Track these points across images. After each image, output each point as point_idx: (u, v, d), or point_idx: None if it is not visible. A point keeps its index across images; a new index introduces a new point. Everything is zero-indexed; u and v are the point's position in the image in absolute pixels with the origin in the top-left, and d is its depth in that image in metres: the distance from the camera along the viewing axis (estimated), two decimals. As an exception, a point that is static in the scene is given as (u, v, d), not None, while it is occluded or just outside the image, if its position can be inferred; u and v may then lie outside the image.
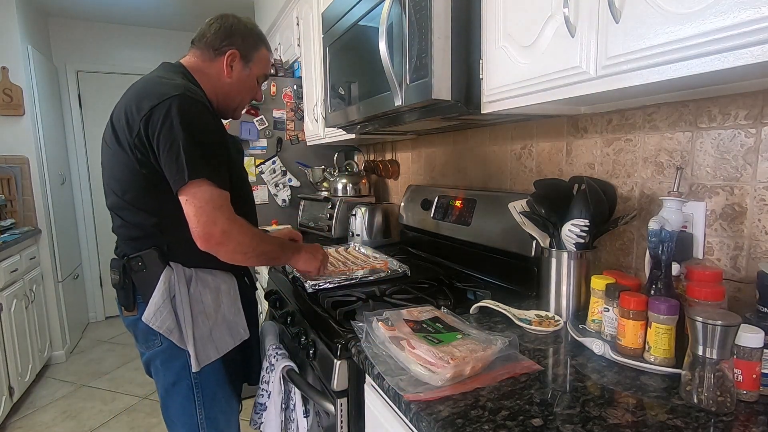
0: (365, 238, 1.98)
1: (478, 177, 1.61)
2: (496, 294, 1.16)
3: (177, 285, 1.02)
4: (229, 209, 0.98)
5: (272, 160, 2.43)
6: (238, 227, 0.98)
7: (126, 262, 1.03)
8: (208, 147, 0.97)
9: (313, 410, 1.11)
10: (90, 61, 3.73)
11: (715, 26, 0.57)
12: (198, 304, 1.04)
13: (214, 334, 1.06)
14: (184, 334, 1.02)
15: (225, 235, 0.96)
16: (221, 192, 0.97)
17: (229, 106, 1.19)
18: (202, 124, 0.97)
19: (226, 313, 1.09)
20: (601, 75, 0.73)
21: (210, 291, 1.06)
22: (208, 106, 1.02)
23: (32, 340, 2.68)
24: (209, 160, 0.96)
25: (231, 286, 1.11)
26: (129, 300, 1.06)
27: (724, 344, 0.64)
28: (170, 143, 0.93)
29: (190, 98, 0.96)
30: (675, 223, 0.81)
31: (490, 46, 0.98)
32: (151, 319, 1.00)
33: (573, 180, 1.09)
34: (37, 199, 2.96)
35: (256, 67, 1.18)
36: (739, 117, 0.85)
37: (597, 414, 0.64)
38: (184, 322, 1.02)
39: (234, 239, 0.97)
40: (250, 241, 1.01)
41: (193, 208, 0.94)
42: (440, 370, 0.73)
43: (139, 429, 2.29)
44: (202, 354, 1.04)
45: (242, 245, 0.99)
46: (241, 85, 1.16)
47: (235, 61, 1.14)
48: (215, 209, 0.95)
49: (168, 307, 1.01)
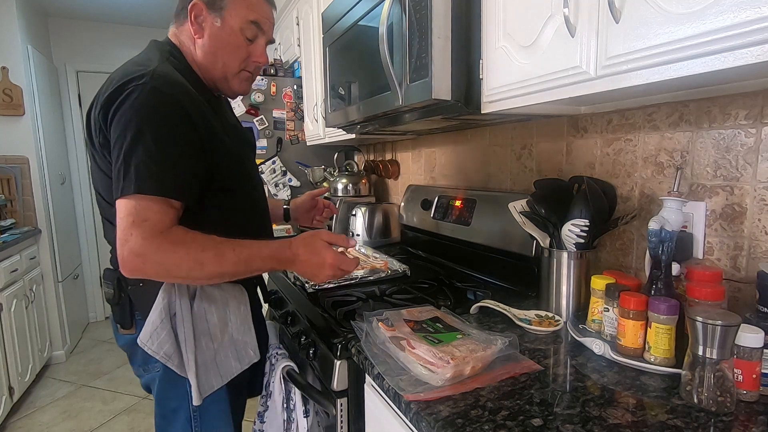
0: (365, 238, 1.98)
1: (478, 177, 1.61)
2: (496, 294, 1.16)
3: (178, 301, 0.86)
4: (155, 225, 0.76)
5: (272, 160, 2.43)
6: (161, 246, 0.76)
7: (120, 275, 0.84)
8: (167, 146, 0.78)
9: (313, 410, 1.11)
10: (90, 61, 3.73)
11: (715, 26, 0.57)
12: (202, 324, 0.89)
13: (219, 359, 0.91)
14: (185, 359, 0.87)
15: (139, 259, 0.75)
16: (154, 204, 0.76)
17: (213, 75, 0.94)
18: (166, 119, 0.78)
19: (234, 333, 0.93)
20: (601, 75, 0.73)
21: (216, 308, 0.90)
22: (183, 95, 0.82)
23: (32, 340, 2.68)
24: (160, 163, 0.77)
25: (241, 301, 0.95)
26: (126, 317, 0.91)
27: (724, 344, 0.64)
28: (119, 136, 0.77)
29: (157, 90, 0.78)
30: (675, 223, 0.81)
31: (490, 46, 0.98)
32: (147, 342, 0.85)
33: (573, 180, 1.09)
34: (37, 199, 2.96)
35: (233, 15, 0.90)
36: (739, 117, 0.85)
37: (597, 414, 0.64)
38: (185, 345, 0.86)
39: (152, 261, 0.76)
40: (183, 259, 0.77)
41: (117, 223, 0.77)
42: (440, 370, 0.73)
43: (139, 429, 2.29)
44: (205, 383, 0.89)
45: (169, 267, 0.77)
46: (215, 42, 0.91)
47: (201, 15, 0.89)
48: (133, 224, 0.75)
49: (167, 327, 0.85)
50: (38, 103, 3.01)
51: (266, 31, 0.96)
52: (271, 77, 2.40)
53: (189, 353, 0.86)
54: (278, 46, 2.81)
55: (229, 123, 1.01)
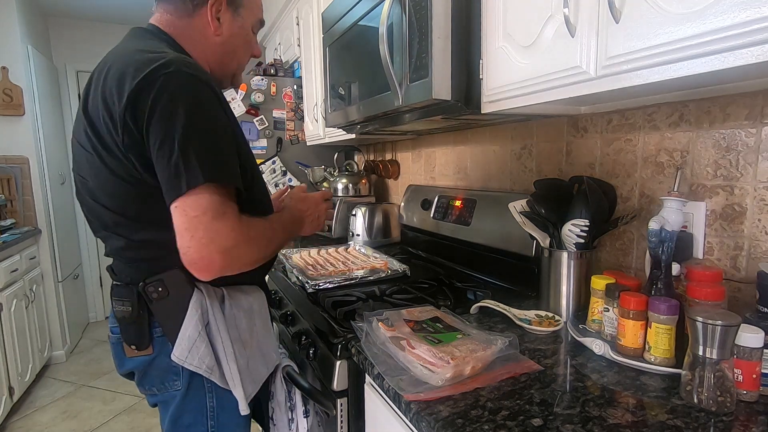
0: (365, 238, 1.98)
1: (478, 177, 1.61)
2: (496, 294, 1.16)
3: (211, 310, 0.82)
4: (235, 213, 0.74)
5: (272, 160, 2.43)
6: (248, 231, 0.76)
7: (142, 289, 0.80)
8: (219, 134, 0.75)
9: (313, 410, 1.11)
10: (90, 61, 3.73)
11: (715, 26, 0.57)
12: (233, 331, 0.85)
13: (251, 365, 0.88)
14: (225, 370, 0.83)
15: (228, 255, 0.72)
16: (227, 193, 0.74)
17: (226, 72, 0.95)
18: (206, 108, 0.74)
19: (260, 337, 0.91)
20: (601, 75, 0.73)
21: (245, 313, 0.87)
22: (211, 82, 0.78)
23: (32, 340, 2.68)
24: (219, 151, 0.74)
25: (262, 304, 0.93)
26: (143, 336, 0.83)
27: (724, 344, 0.64)
28: (163, 136, 0.70)
29: (187, 74, 0.73)
30: (675, 223, 0.81)
31: (490, 46, 0.98)
32: (187, 359, 0.80)
33: (573, 180, 1.09)
34: (37, 199, 2.96)
35: (248, 12, 0.93)
36: (739, 117, 0.85)
37: (597, 414, 0.64)
38: (224, 355, 0.82)
39: (246, 248, 0.76)
40: (261, 248, 0.80)
41: (186, 224, 0.71)
42: (440, 369, 0.73)
43: (139, 429, 2.29)
44: (244, 392, 0.85)
45: (254, 258, 0.79)
46: (235, 40, 0.91)
47: (222, 11, 0.88)
48: (215, 219, 0.71)
49: (205, 339, 0.81)
50: (38, 103, 3.01)
51: (263, 24, 1.00)
52: (271, 77, 2.40)
53: (231, 363, 0.83)
54: (278, 46, 2.81)
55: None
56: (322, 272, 1.37)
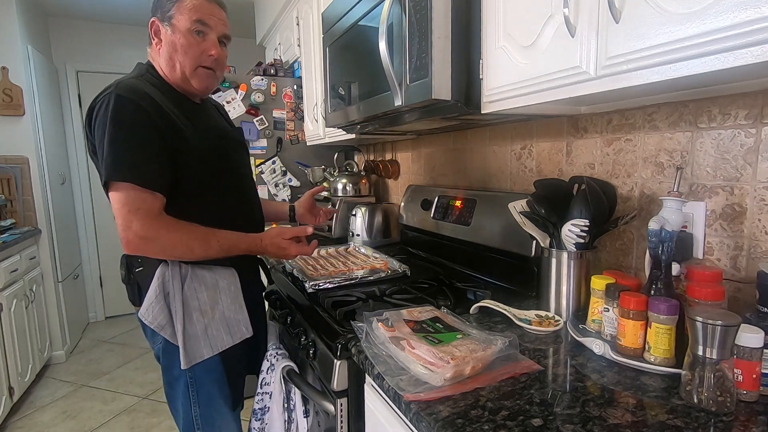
0: (365, 238, 1.98)
1: (478, 177, 1.61)
2: (496, 294, 1.16)
3: (171, 282, 1.02)
4: (148, 212, 0.95)
5: (272, 160, 2.43)
6: (158, 231, 0.96)
7: (127, 260, 1.07)
8: (136, 146, 0.94)
9: (313, 410, 1.11)
10: (90, 61, 3.73)
11: (715, 26, 0.57)
12: (193, 301, 1.04)
13: (210, 332, 1.06)
14: (176, 329, 1.02)
15: (142, 241, 0.95)
16: (141, 194, 0.94)
17: (177, 79, 1.08)
18: (131, 120, 0.94)
19: (225, 310, 1.08)
20: (601, 75, 0.73)
21: (206, 288, 1.06)
22: (145, 101, 0.96)
23: (32, 340, 2.68)
24: (135, 160, 0.94)
25: (231, 282, 1.10)
26: (135, 295, 1.08)
27: (724, 344, 0.64)
28: (100, 141, 0.95)
29: (121, 96, 0.94)
30: (675, 223, 0.81)
31: (490, 46, 0.98)
32: (144, 314, 1.02)
33: (573, 180, 1.09)
34: (37, 199, 2.96)
35: (181, 18, 1.03)
36: (739, 117, 0.85)
37: (597, 414, 0.64)
38: (176, 317, 1.02)
39: (155, 243, 0.96)
40: (177, 243, 0.98)
41: (114, 211, 0.95)
42: (440, 369, 0.73)
43: (139, 429, 2.29)
44: (193, 351, 1.04)
45: (167, 249, 0.98)
46: (171, 48, 1.04)
47: (156, 29, 1.06)
48: (130, 213, 0.93)
49: (161, 303, 1.02)
50: (38, 103, 3.01)
51: (213, 26, 1.07)
52: (271, 77, 2.40)
53: (178, 324, 1.02)
54: (278, 46, 2.81)
55: (211, 124, 1.16)
56: (322, 272, 1.37)
